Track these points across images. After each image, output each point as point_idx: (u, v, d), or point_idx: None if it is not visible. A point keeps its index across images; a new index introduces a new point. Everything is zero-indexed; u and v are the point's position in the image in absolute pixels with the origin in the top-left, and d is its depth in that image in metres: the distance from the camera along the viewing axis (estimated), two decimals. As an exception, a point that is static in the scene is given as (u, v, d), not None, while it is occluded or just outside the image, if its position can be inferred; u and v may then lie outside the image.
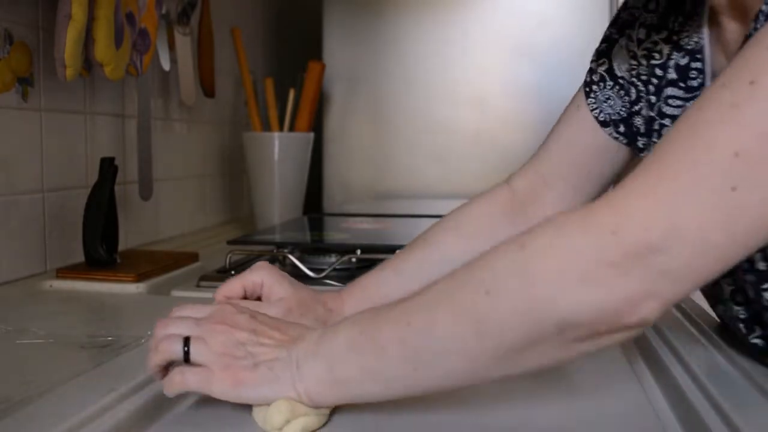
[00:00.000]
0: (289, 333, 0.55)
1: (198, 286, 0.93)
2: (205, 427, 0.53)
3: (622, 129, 0.72)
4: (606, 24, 0.75)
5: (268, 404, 0.52)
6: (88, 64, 0.98)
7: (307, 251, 1.01)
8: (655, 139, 0.67)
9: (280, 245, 1.04)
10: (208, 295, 0.89)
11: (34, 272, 0.99)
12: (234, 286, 0.68)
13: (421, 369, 0.49)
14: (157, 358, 0.53)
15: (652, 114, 0.67)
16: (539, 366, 0.47)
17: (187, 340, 0.53)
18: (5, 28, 0.93)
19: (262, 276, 0.68)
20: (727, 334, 0.69)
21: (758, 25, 0.50)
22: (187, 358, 0.52)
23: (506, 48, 1.60)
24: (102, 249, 0.96)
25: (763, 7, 0.50)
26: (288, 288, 0.68)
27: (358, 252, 0.96)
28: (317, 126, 1.61)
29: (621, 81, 0.72)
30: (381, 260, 0.98)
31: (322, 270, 0.93)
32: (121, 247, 1.04)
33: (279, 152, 1.44)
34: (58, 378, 0.57)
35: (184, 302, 0.61)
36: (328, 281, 0.92)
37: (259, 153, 1.45)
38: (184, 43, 1.35)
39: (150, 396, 0.54)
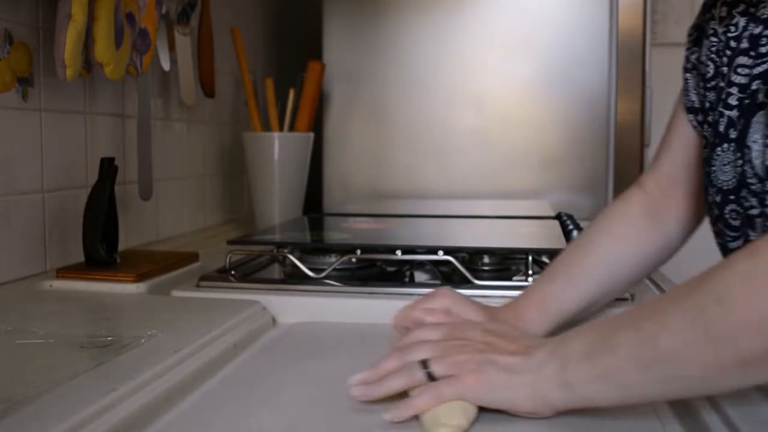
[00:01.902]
0: (523, 342, 0.57)
1: (198, 286, 0.93)
2: (205, 427, 0.53)
3: (700, 118, 0.72)
4: (605, 23, 0.75)
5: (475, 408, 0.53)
6: (88, 64, 0.98)
7: (307, 251, 1.01)
8: (720, 108, 0.66)
9: (280, 245, 1.04)
10: (208, 295, 0.89)
11: (34, 272, 0.99)
12: (419, 312, 0.70)
13: (653, 375, 0.48)
14: (396, 385, 0.55)
15: (722, 84, 0.67)
16: None
17: (425, 363, 0.55)
18: (5, 28, 0.94)
19: (447, 301, 0.70)
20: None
21: None
22: (432, 379, 0.54)
23: (506, 47, 1.60)
24: (102, 249, 0.96)
25: None
26: (477, 310, 0.70)
27: (358, 252, 0.96)
28: (317, 126, 1.61)
29: (708, 62, 0.71)
30: (381, 260, 0.99)
31: (322, 270, 0.93)
32: (121, 247, 1.04)
33: (279, 152, 1.44)
34: (58, 378, 0.57)
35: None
36: (328, 281, 0.92)
37: (259, 153, 1.45)
38: (184, 43, 1.35)
39: (150, 396, 0.54)
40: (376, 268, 0.99)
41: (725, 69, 0.67)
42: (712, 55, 0.70)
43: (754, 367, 0.45)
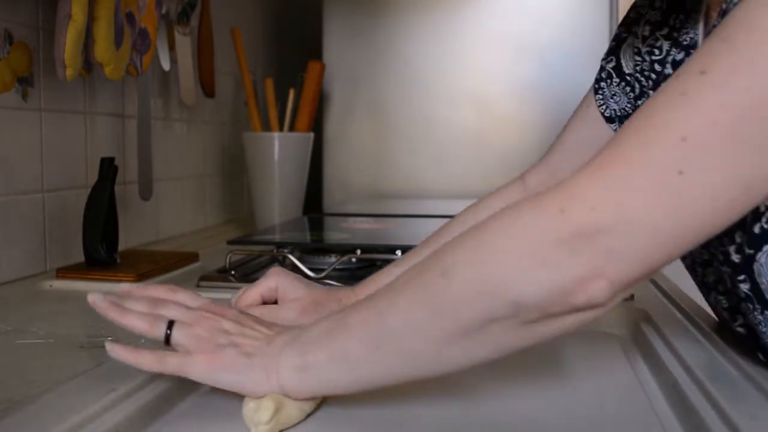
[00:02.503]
0: (273, 329, 0.56)
1: (198, 286, 0.93)
2: (206, 427, 0.53)
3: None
4: (605, 23, 0.76)
5: (253, 398, 0.52)
6: (88, 64, 0.98)
7: (307, 251, 1.01)
8: None
9: (280, 245, 1.04)
10: (208, 295, 0.88)
11: (34, 272, 0.99)
12: (251, 294, 0.70)
13: (382, 350, 0.50)
14: (136, 325, 0.55)
15: None
16: (499, 351, 0.48)
17: (171, 324, 0.54)
18: (5, 28, 0.94)
19: (276, 281, 0.71)
20: (725, 331, 0.69)
21: (727, 9, 0.51)
22: (168, 341, 0.54)
23: (506, 48, 1.60)
24: (102, 249, 0.96)
25: (723, 5, 0.52)
26: (302, 289, 0.71)
27: (358, 252, 0.96)
28: (317, 126, 1.61)
29: (627, 77, 0.74)
30: (381, 260, 0.99)
31: (322, 270, 0.93)
32: (121, 247, 1.04)
33: (279, 152, 1.44)
34: (58, 378, 0.57)
35: (179, 287, 0.62)
36: (328, 281, 0.92)
37: (259, 153, 1.45)
38: (184, 43, 1.35)
39: (150, 396, 0.54)
40: (376, 268, 0.99)
41: (651, 93, 0.69)
42: (637, 74, 0.72)
43: (476, 338, 0.47)
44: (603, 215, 0.43)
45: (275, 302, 0.71)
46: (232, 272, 0.96)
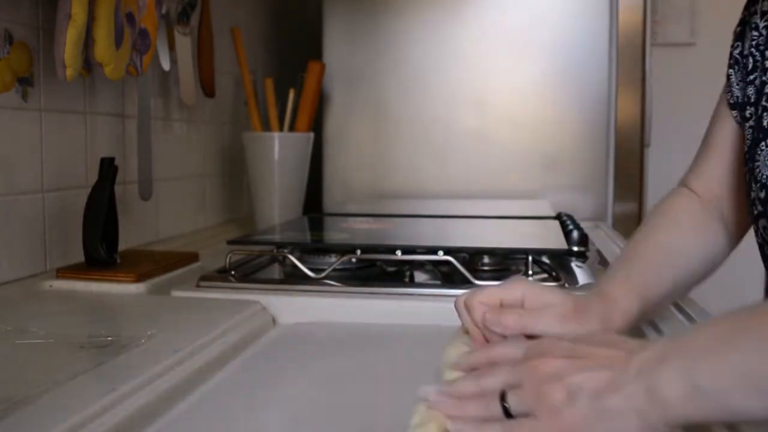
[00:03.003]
0: (620, 346, 0.45)
1: (198, 286, 0.92)
2: (205, 427, 0.53)
3: (745, 113, 0.71)
4: (605, 23, 0.75)
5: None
6: (88, 64, 0.98)
7: (307, 251, 1.01)
8: (764, 103, 0.65)
9: (280, 245, 1.04)
10: (208, 295, 0.89)
11: (34, 272, 0.99)
12: (491, 294, 0.60)
13: None
14: (473, 412, 0.47)
15: (765, 78, 0.66)
16: None
17: (503, 396, 0.46)
18: (5, 28, 0.93)
19: (521, 289, 0.60)
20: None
21: None
22: (509, 414, 0.45)
23: (506, 48, 1.60)
24: (102, 249, 0.96)
25: None
26: (554, 296, 0.60)
27: (358, 252, 0.96)
28: (317, 126, 1.61)
29: (748, 56, 0.70)
30: (381, 260, 0.99)
31: (322, 270, 0.93)
32: (121, 247, 1.04)
33: (279, 152, 1.44)
34: (58, 378, 0.57)
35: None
36: (328, 281, 0.92)
37: (259, 153, 1.45)
38: (184, 43, 1.35)
39: (150, 396, 0.54)
40: (376, 268, 0.99)
41: (767, 63, 0.66)
42: (752, 49, 0.69)
43: None
44: None
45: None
46: (232, 272, 0.96)
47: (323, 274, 0.93)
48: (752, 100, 0.69)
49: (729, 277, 1.05)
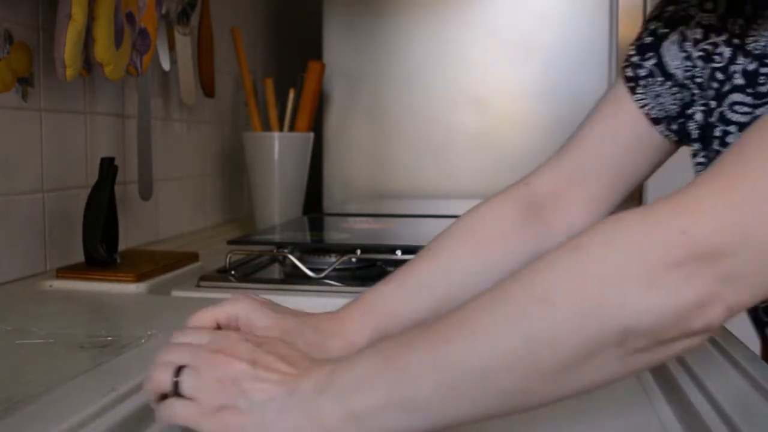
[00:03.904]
0: (298, 365, 0.48)
1: (198, 286, 0.93)
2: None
3: (675, 127, 0.69)
4: (605, 23, 0.74)
5: None
6: (88, 64, 0.98)
7: (307, 251, 1.01)
8: (716, 147, 0.64)
9: (280, 245, 1.04)
10: (208, 295, 0.89)
11: (34, 272, 0.99)
12: (204, 317, 0.59)
13: (459, 395, 0.43)
14: (148, 386, 0.49)
15: (712, 120, 0.64)
16: (595, 383, 0.43)
17: (179, 370, 0.48)
18: (5, 28, 0.94)
19: (237, 308, 0.59)
20: (723, 329, 0.69)
21: None
22: (177, 391, 0.47)
23: (506, 48, 1.60)
24: (102, 249, 0.96)
25: None
26: (269, 316, 0.59)
27: (358, 252, 0.96)
28: (317, 126, 1.61)
29: (675, 79, 0.68)
30: (381, 260, 0.99)
31: (322, 270, 0.93)
32: (121, 247, 1.04)
33: (279, 152, 1.44)
34: (58, 378, 0.57)
35: (190, 324, 0.58)
36: (328, 281, 0.92)
37: (259, 153, 1.45)
38: (184, 43, 1.35)
39: (150, 396, 0.54)
40: (376, 268, 0.99)
41: (713, 103, 0.64)
42: (686, 80, 0.67)
43: (573, 372, 0.42)
44: (727, 239, 0.40)
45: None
46: (232, 272, 0.96)
47: (323, 274, 0.93)
48: (694, 137, 0.67)
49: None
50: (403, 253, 0.95)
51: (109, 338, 0.69)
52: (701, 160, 0.67)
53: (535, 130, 1.61)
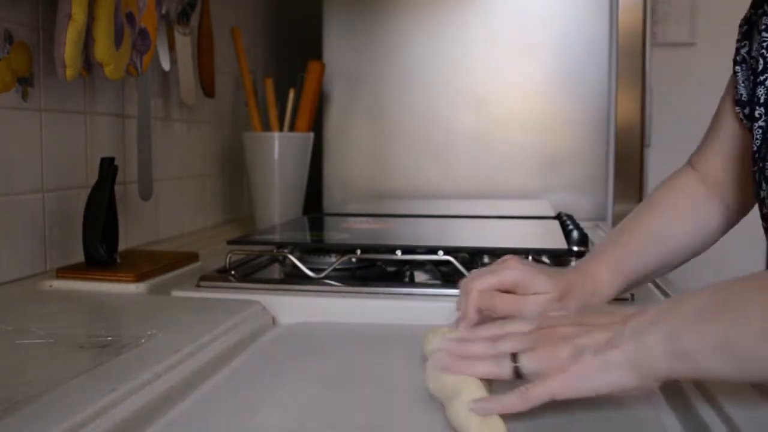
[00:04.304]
0: (618, 314, 0.52)
1: (198, 286, 0.92)
2: (206, 427, 0.53)
3: (747, 111, 0.72)
4: (605, 23, 0.75)
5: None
6: (88, 64, 0.98)
7: (307, 251, 1.01)
8: None
9: (280, 245, 1.04)
10: (208, 295, 0.89)
11: (34, 272, 0.99)
12: (490, 281, 0.67)
13: None
14: (482, 370, 0.53)
15: None
16: None
17: (514, 356, 0.52)
18: (5, 28, 0.94)
19: (515, 274, 0.67)
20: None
21: None
22: (518, 374, 0.52)
23: (506, 48, 1.60)
24: (102, 249, 0.96)
25: None
26: (544, 280, 0.67)
27: (358, 252, 0.96)
28: (317, 126, 1.61)
29: (753, 59, 0.72)
30: (381, 260, 0.99)
31: (322, 270, 0.93)
32: (121, 247, 1.04)
33: (279, 152, 1.44)
34: (58, 378, 0.57)
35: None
36: (328, 281, 0.92)
37: (259, 153, 1.45)
38: (184, 43, 1.35)
39: (150, 396, 0.54)
40: (376, 268, 0.99)
41: None
42: (763, 51, 0.70)
43: None
44: None
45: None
46: (232, 272, 0.96)
47: (323, 274, 0.93)
48: (762, 101, 0.69)
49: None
50: (403, 253, 0.95)
51: (109, 338, 0.69)
52: (762, 124, 0.69)
53: (535, 130, 1.61)
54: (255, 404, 0.57)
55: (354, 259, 0.96)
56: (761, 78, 0.70)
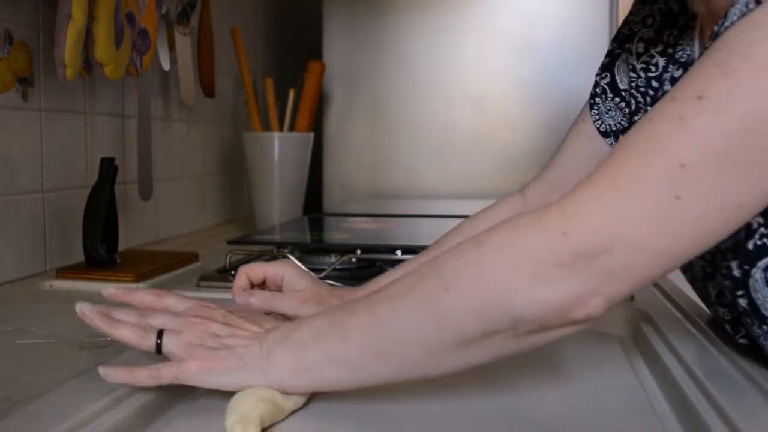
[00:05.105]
0: (264, 326, 0.57)
1: (198, 286, 0.93)
2: (205, 427, 0.53)
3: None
4: (605, 23, 0.76)
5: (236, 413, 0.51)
6: (88, 64, 0.98)
7: (307, 251, 1.01)
8: None
9: (280, 245, 1.04)
10: (208, 295, 0.89)
11: (34, 272, 0.99)
12: (257, 270, 0.73)
13: (382, 358, 0.51)
14: (126, 336, 0.56)
15: None
16: (494, 357, 0.50)
17: (160, 333, 0.55)
18: (5, 28, 0.94)
19: (284, 269, 0.72)
20: (721, 329, 0.70)
21: (719, 32, 0.51)
22: (159, 351, 0.55)
23: (506, 47, 1.60)
24: (102, 249, 0.96)
25: (715, 27, 0.52)
26: (308, 282, 0.72)
27: (358, 252, 0.96)
28: (317, 126, 1.61)
29: (623, 93, 0.75)
30: (381, 260, 0.99)
31: (322, 270, 0.93)
32: (121, 247, 1.04)
33: (279, 152, 1.44)
34: (58, 378, 0.57)
35: (165, 291, 0.63)
36: (328, 281, 0.92)
37: (259, 153, 1.45)
38: (184, 43, 1.35)
39: (150, 396, 0.54)
40: (376, 268, 0.99)
41: (648, 108, 0.70)
42: (632, 91, 0.73)
43: (475, 348, 0.49)
44: (602, 238, 0.45)
45: (279, 290, 0.73)
46: (232, 272, 0.96)
47: (323, 274, 0.93)
48: None
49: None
50: (403, 253, 0.95)
51: (109, 338, 0.69)
52: None
53: (535, 130, 1.61)
54: (255, 404, 0.57)
55: (354, 259, 0.96)
56: (636, 118, 0.72)
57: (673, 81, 0.67)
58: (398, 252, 0.95)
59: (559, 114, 1.60)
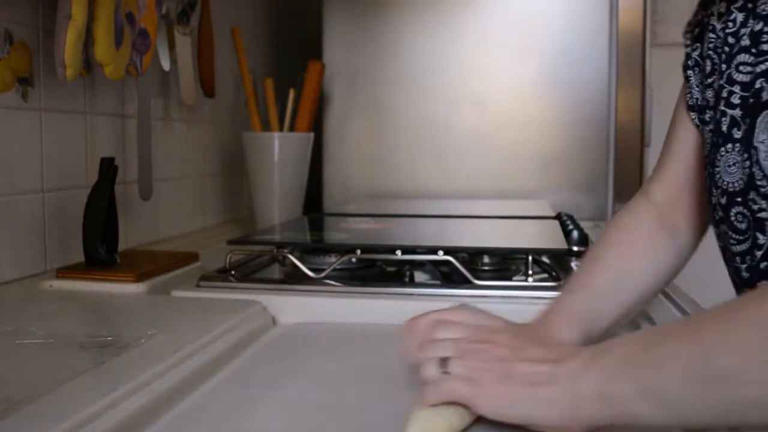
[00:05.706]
0: (555, 351, 0.52)
1: (198, 286, 0.93)
2: (205, 427, 0.53)
3: (704, 116, 0.70)
4: (605, 23, 0.75)
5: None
6: (88, 64, 0.98)
7: (307, 251, 1.01)
8: (722, 107, 0.65)
9: (280, 245, 1.04)
10: (208, 295, 0.89)
11: (34, 272, 0.99)
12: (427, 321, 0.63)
13: (709, 395, 0.43)
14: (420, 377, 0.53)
15: (722, 82, 0.66)
16: None
17: (443, 362, 0.52)
18: (5, 28, 0.94)
19: (460, 316, 0.62)
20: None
21: None
22: None
23: (506, 47, 1.60)
24: (102, 249, 0.96)
25: None
26: (497, 324, 0.63)
27: (358, 252, 0.96)
28: (317, 126, 1.61)
29: (704, 60, 0.70)
30: (381, 260, 0.99)
31: (322, 270, 0.93)
32: (121, 247, 1.04)
33: (279, 152, 1.44)
34: (58, 378, 0.57)
35: (441, 318, 0.59)
36: (328, 281, 0.92)
37: (259, 153, 1.45)
38: (184, 43, 1.35)
39: (150, 396, 0.54)
40: (376, 268, 0.99)
41: (724, 66, 0.66)
42: (710, 52, 0.69)
43: None
44: None
45: None
46: (232, 272, 0.96)
47: (323, 274, 0.93)
48: (711, 104, 0.68)
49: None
50: (403, 253, 0.95)
51: (109, 338, 0.69)
52: (711, 127, 0.68)
53: (535, 130, 1.61)
54: (255, 404, 0.57)
55: (354, 259, 0.96)
56: (709, 81, 0.69)
57: (753, 36, 0.63)
58: (398, 252, 0.95)
59: (560, 114, 1.60)
